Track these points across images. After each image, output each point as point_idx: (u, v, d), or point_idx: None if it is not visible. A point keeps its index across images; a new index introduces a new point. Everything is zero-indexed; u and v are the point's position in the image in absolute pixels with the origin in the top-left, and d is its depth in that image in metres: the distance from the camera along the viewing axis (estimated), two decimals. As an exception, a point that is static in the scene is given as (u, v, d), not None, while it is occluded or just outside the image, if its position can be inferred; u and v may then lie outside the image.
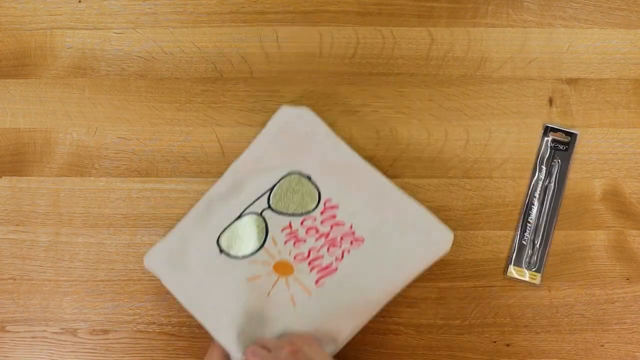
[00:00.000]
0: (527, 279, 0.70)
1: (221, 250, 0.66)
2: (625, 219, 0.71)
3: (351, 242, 0.66)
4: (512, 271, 0.70)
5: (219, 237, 0.66)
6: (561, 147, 0.71)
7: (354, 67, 0.73)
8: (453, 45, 0.73)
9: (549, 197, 0.71)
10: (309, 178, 0.67)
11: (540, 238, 0.70)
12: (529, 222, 0.70)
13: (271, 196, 0.67)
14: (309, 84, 0.72)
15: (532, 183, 0.71)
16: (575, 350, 0.69)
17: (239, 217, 0.66)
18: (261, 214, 0.66)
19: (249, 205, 0.66)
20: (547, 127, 0.72)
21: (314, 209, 0.67)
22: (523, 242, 0.70)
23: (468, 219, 0.71)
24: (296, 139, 0.68)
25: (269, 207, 0.67)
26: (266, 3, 0.73)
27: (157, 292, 0.70)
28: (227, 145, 0.72)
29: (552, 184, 0.71)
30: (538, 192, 0.71)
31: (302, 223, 0.66)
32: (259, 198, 0.67)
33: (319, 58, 0.73)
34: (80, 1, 0.73)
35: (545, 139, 0.71)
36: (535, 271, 0.70)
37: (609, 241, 0.71)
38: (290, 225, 0.66)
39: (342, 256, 0.66)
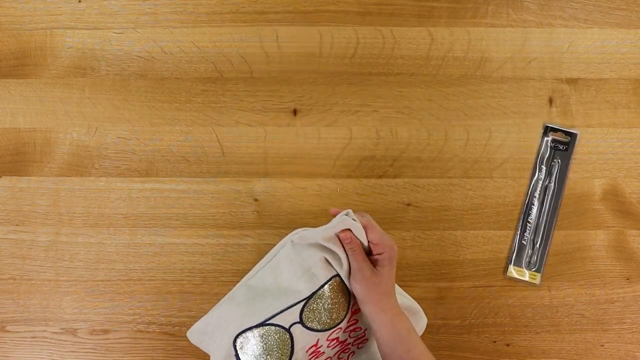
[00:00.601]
0: (527, 278, 0.70)
1: (237, 356, 0.58)
2: (625, 218, 0.71)
3: (358, 345, 0.64)
4: (512, 271, 0.70)
5: (237, 336, 0.58)
6: (561, 147, 0.71)
7: (354, 67, 0.73)
8: (453, 45, 0.73)
9: (549, 197, 0.71)
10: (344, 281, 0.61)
11: (540, 238, 0.70)
12: (529, 222, 0.70)
13: (305, 308, 0.59)
14: (309, 84, 0.72)
15: (532, 183, 0.71)
16: (575, 350, 0.69)
17: (264, 322, 0.58)
18: (289, 328, 0.58)
19: (279, 312, 0.58)
20: (547, 127, 0.72)
21: (343, 319, 0.61)
22: (523, 242, 0.70)
23: (468, 219, 0.71)
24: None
25: (301, 321, 0.58)
26: (266, 3, 0.73)
27: (157, 292, 0.70)
28: (227, 145, 0.72)
29: (552, 184, 0.71)
30: (538, 192, 0.71)
31: (328, 338, 0.61)
32: (292, 306, 0.58)
33: (319, 58, 0.73)
34: (80, 1, 0.73)
35: (545, 138, 0.71)
36: (535, 271, 0.70)
37: (609, 241, 0.71)
38: (316, 343, 0.60)
39: (348, 359, 0.64)
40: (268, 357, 0.58)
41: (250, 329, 0.58)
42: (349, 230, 0.57)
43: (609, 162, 0.72)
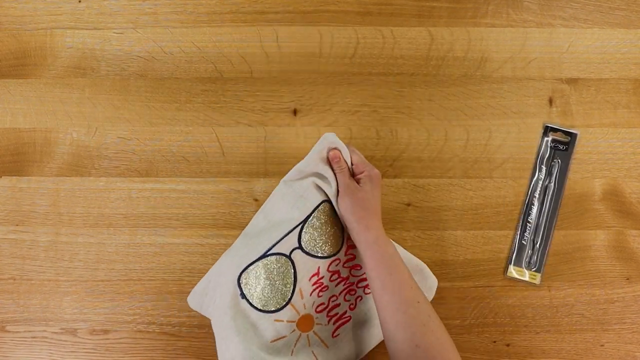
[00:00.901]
0: (527, 278, 0.70)
1: (242, 295, 0.59)
2: (625, 218, 0.71)
3: (364, 289, 0.65)
4: (512, 271, 0.70)
5: (240, 274, 0.60)
6: (561, 147, 0.71)
7: (354, 67, 0.73)
8: (453, 45, 0.73)
9: (549, 197, 0.71)
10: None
11: (540, 238, 0.70)
12: (529, 222, 0.70)
13: (303, 232, 0.60)
14: (309, 84, 0.72)
15: (532, 183, 0.71)
16: (575, 350, 0.69)
17: (266, 254, 0.59)
18: (290, 255, 0.60)
19: (278, 241, 0.60)
20: (547, 127, 0.72)
21: (340, 249, 0.62)
22: (523, 242, 0.70)
23: (468, 219, 0.71)
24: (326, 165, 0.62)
25: (300, 246, 0.60)
26: (266, 3, 0.73)
27: (157, 292, 0.70)
28: (227, 145, 0.72)
29: (552, 184, 0.71)
30: (538, 192, 0.71)
31: (328, 268, 0.62)
32: (289, 232, 0.60)
33: (319, 58, 0.73)
34: (80, 1, 0.73)
35: (545, 138, 0.71)
36: (535, 271, 0.70)
37: (609, 241, 0.71)
38: (318, 272, 0.61)
39: (356, 304, 0.65)
40: (272, 286, 0.59)
41: (251, 264, 0.60)
42: (338, 150, 0.60)
43: (609, 162, 0.72)
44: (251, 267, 0.60)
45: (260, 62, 0.73)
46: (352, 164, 0.62)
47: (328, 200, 0.62)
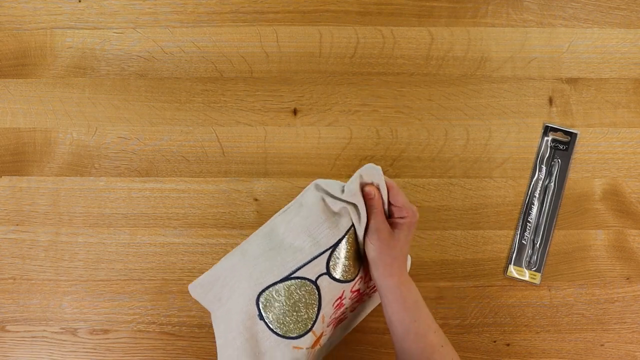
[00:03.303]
0: (527, 278, 0.70)
1: (260, 316, 0.54)
2: (625, 218, 0.71)
3: (370, 294, 0.64)
4: (512, 271, 0.70)
5: (259, 294, 0.54)
6: (561, 147, 0.71)
7: (354, 67, 0.73)
8: (453, 45, 0.73)
9: (549, 197, 0.71)
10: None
11: (540, 238, 0.70)
12: (529, 222, 0.70)
13: (332, 258, 0.55)
14: (309, 84, 0.72)
15: (532, 183, 0.71)
16: (576, 350, 0.69)
17: (289, 277, 0.54)
18: (316, 280, 0.54)
19: (304, 265, 0.54)
20: (547, 126, 0.72)
21: (362, 266, 0.59)
22: (523, 241, 0.70)
23: (468, 219, 0.71)
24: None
25: (327, 272, 0.55)
26: (266, 3, 0.73)
27: (157, 292, 0.70)
28: (227, 145, 0.72)
29: (552, 184, 0.71)
30: (538, 191, 0.71)
31: (352, 289, 0.59)
32: (317, 257, 0.54)
33: (319, 58, 0.73)
34: (80, 1, 0.73)
35: (545, 138, 0.71)
36: (535, 271, 0.70)
37: (609, 241, 0.71)
38: (342, 295, 0.57)
39: (356, 307, 0.64)
40: (295, 313, 0.54)
41: (274, 284, 0.54)
42: (375, 187, 0.54)
43: (609, 162, 0.72)
44: (272, 289, 0.54)
45: (260, 62, 0.73)
46: (389, 204, 0.56)
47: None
